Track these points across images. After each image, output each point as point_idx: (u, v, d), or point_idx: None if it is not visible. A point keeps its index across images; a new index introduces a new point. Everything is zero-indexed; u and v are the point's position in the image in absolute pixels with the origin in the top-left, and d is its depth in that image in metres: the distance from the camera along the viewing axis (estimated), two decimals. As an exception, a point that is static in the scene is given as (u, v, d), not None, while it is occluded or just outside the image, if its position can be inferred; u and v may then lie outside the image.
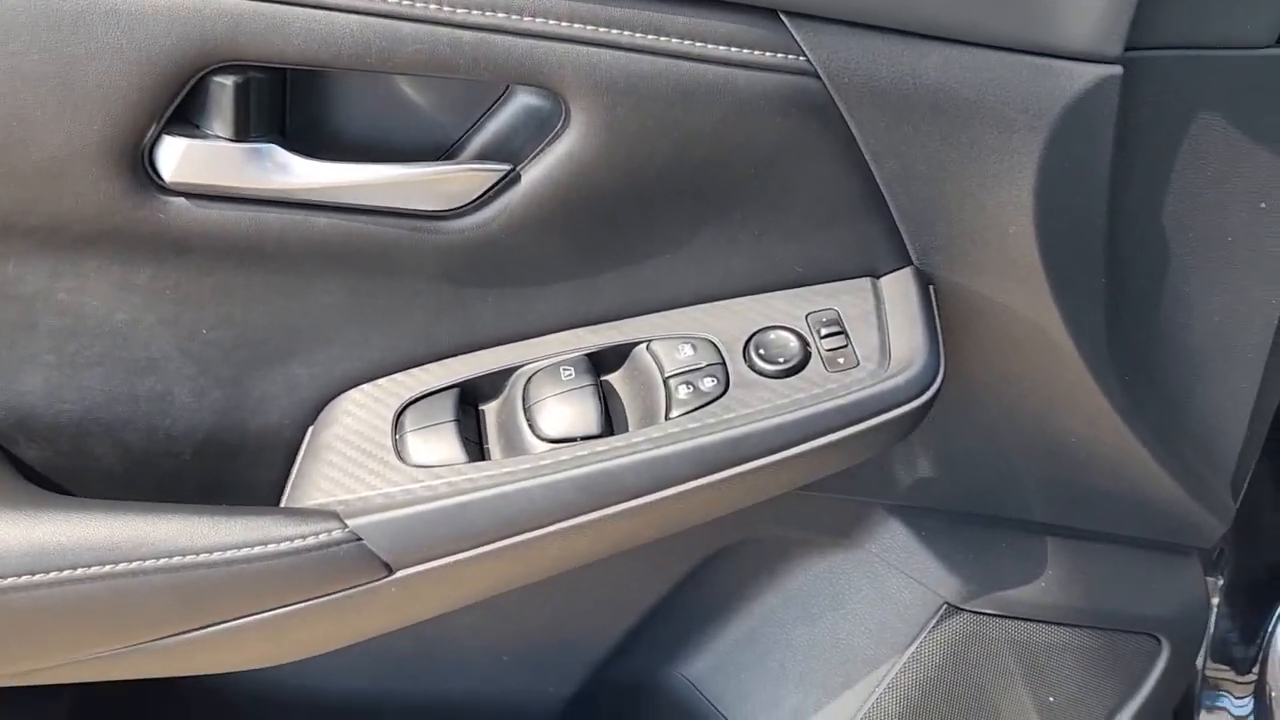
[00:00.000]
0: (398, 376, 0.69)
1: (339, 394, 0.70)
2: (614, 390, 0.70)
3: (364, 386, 0.69)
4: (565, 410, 0.66)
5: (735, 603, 0.90)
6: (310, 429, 0.70)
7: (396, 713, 0.86)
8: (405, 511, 0.62)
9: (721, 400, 0.66)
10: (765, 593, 0.89)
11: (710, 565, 0.86)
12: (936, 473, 0.81)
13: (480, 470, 0.64)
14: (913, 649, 0.84)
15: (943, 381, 0.67)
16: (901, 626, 0.84)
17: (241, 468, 0.70)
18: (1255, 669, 1.08)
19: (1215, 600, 1.12)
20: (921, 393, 0.66)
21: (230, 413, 0.69)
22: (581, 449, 0.64)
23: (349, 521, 0.62)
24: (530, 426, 0.66)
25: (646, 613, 0.87)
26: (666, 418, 0.65)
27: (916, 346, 0.67)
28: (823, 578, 0.87)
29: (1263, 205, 0.74)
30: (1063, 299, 0.70)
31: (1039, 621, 0.84)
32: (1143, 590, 0.87)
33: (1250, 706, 1.08)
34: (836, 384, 0.66)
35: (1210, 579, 1.14)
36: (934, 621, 0.83)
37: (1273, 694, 1.07)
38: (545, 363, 0.68)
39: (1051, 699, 0.87)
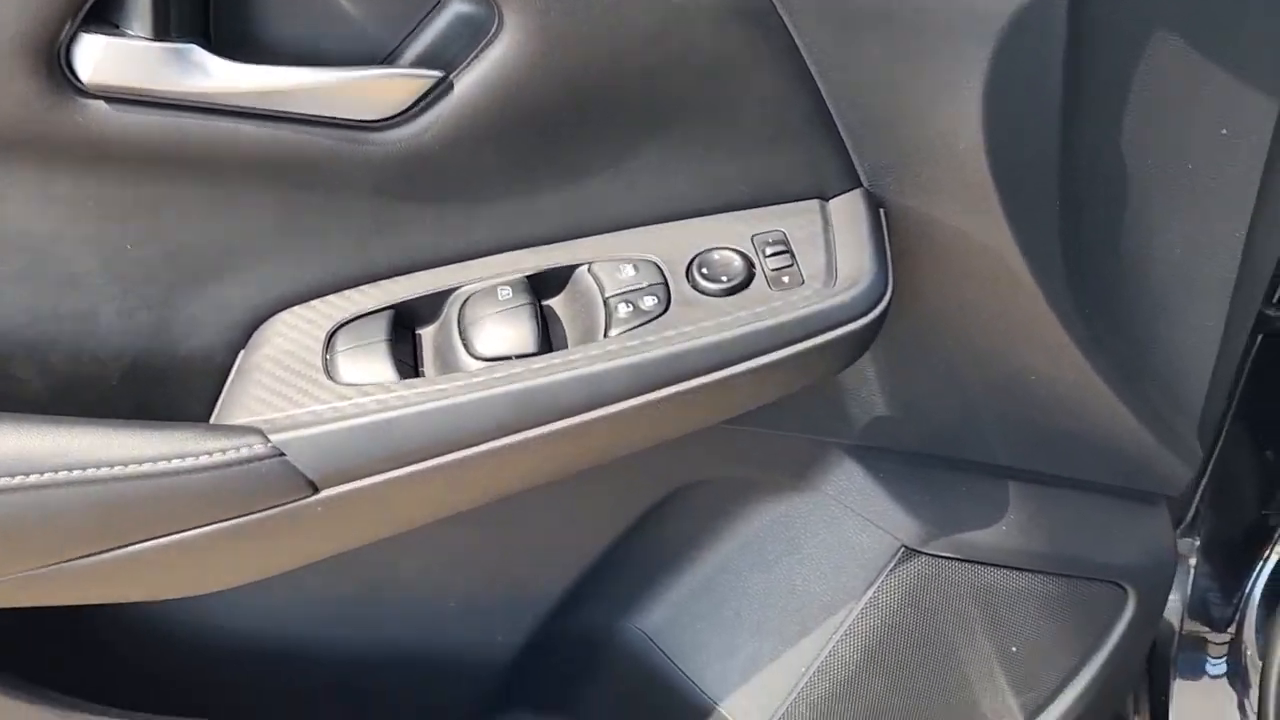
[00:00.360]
0: (331, 298, 0.68)
1: (271, 316, 0.68)
2: (555, 315, 0.68)
3: (296, 308, 0.67)
4: (501, 330, 0.64)
5: (690, 551, 0.87)
6: (241, 353, 0.68)
7: (337, 660, 0.84)
8: (331, 427, 0.60)
9: (662, 318, 0.64)
10: (720, 539, 0.87)
11: (663, 510, 0.84)
12: (894, 411, 0.79)
13: (411, 388, 0.62)
14: (870, 593, 0.82)
15: (891, 301, 0.65)
16: (858, 571, 0.82)
17: (171, 393, 0.68)
18: (1231, 628, 1.06)
19: (1193, 561, 1.10)
20: (868, 310, 0.64)
21: (159, 335, 0.67)
22: (516, 366, 0.62)
23: (273, 437, 0.60)
24: (465, 346, 0.64)
25: (598, 561, 0.85)
26: (605, 336, 0.64)
27: (864, 266, 0.65)
28: (778, 522, 0.85)
29: (1224, 131, 0.72)
30: (1017, 223, 0.68)
31: (1000, 566, 0.82)
32: (1108, 538, 0.85)
33: (1226, 666, 1.06)
34: (781, 302, 0.64)
35: (1187, 539, 1.12)
36: (891, 565, 0.81)
37: (1248, 652, 1.05)
38: (483, 284, 0.67)
39: (1014, 649, 0.85)
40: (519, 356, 0.63)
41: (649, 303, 0.64)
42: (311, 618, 0.83)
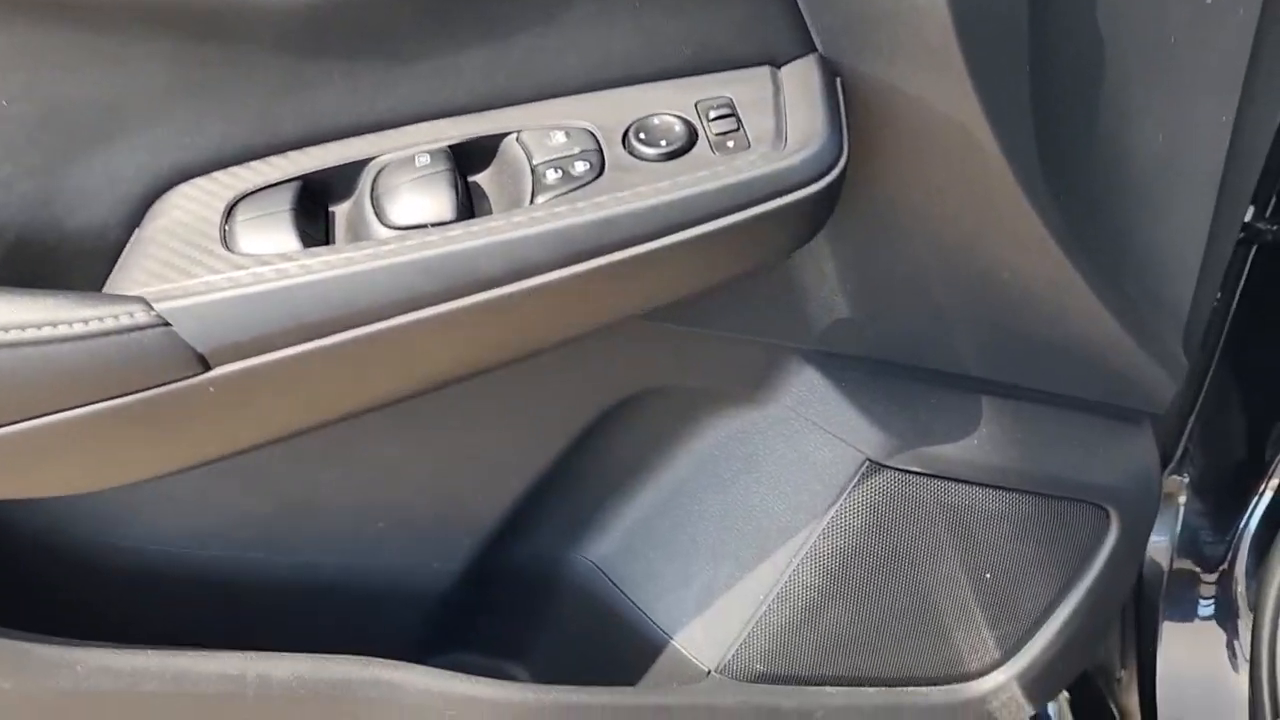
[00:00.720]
0: (235, 170, 0.61)
1: (169, 189, 0.62)
2: (481, 191, 0.62)
3: (197, 180, 0.61)
4: (417, 198, 0.58)
5: (639, 472, 0.81)
6: (136, 230, 0.62)
7: (257, 586, 0.78)
8: (225, 295, 0.54)
9: (594, 184, 0.58)
10: (672, 458, 0.81)
11: (610, 426, 0.77)
12: (855, 313, 0.73)
13: (315, 256, 0.56)
14: (833, 512, 0.76)
15: (846, 169, 0.59)
16: (820, 489, 0.76)
17: (60, 273, 0.62)
18: (1223, 567, 1.01)
19: (1182, 499, 1.04)
20: (821, 175, 0.58)
21: (44, 208, 0.61)
22: (432, 235, 0.56)
23: (157, 306, 0.54)
24: (377, 215, 0.58)
25: (540, 482, 0.79)
26: (531, 203, 0.58)
27: (816, 129, 0.59)
28: (734, 438, 0.79)
29: (1208, 0, 0.66)
30: (984, 91, 0.62)
31: (972, 483, 0.76)
32: (1089, 457, 0.79)
33: (1216, 608, 1.01)
34: (724, 166, 0.58)
35: (1176, 477, 1.07)
36: (855, 480, 0.75)
37: (1240, 592, 1.00)
38: (400, 153, 0.61)
39: (989, 575, 0.79)
40: (435, 225, 0.57)
41: (580, 168, 0.59)
42: (225, 539, 0.76)
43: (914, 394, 0.77)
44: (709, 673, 0.80)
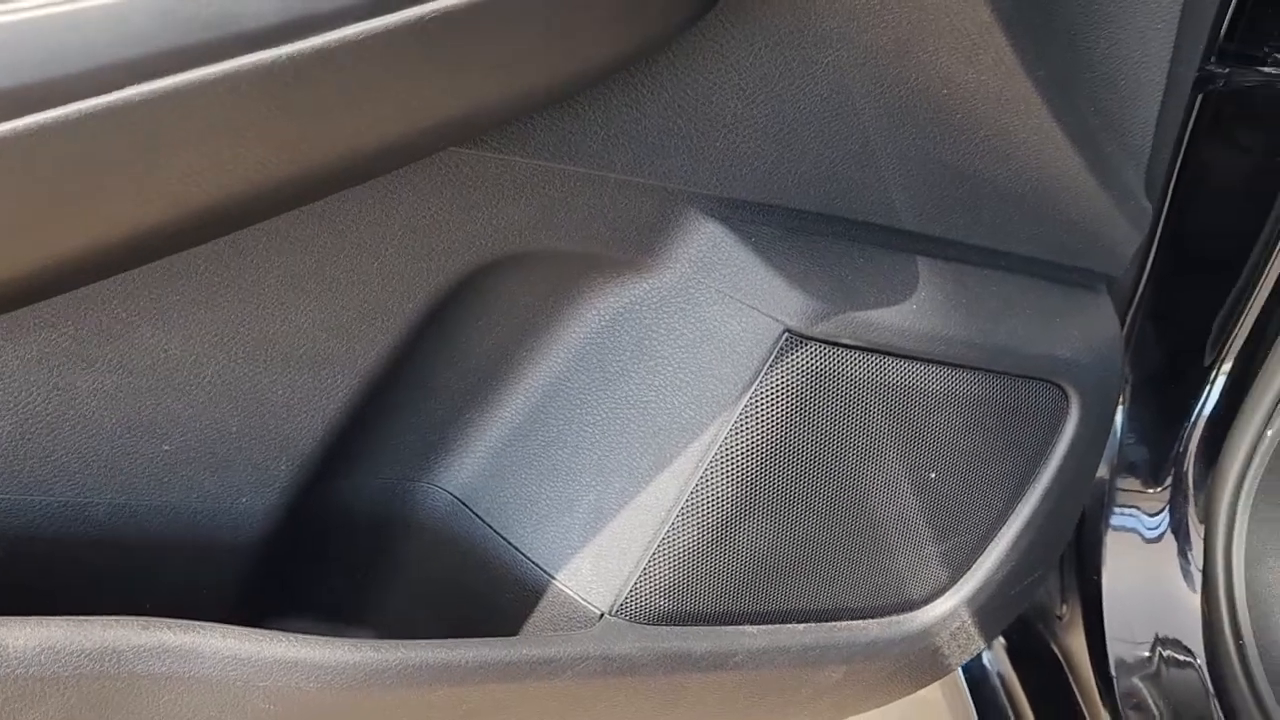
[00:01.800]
0: None
1: None
2: None
3: None
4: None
5: (503, 372, 0.65)
6: None
7: (33, 525, 0.58)
8: None
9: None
10: (544, 353, 0.64)
11: (459, 308, 0.61)
12: (767, 149, 0.59)
13: None
14: (746, 399, 0.61)
15: None
16: (729, 371, 0.61)
17: None
18: (1169, 479, 0.90)
19: (1118, 422, 0.94)
20: None
21: None
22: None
23: None
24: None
25: (373, 388, 0.61)
26: None
27: None
28: (622, 318, 0.63)
29: None
30: None
31: (910, 358, 0.62)
32: (1043, 327, 0.66)
33: (1164, 525, 0.90)
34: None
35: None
36: (773, 356, 0.60)
37: (1188, 509, 0.89)
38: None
39: (933, 475, 0.66)
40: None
41: None
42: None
43: (839, 252, 0.62)
44: (601, 615, 0.64)
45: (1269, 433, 0.85)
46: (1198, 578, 0.89)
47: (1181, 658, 0.90)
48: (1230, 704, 0.90)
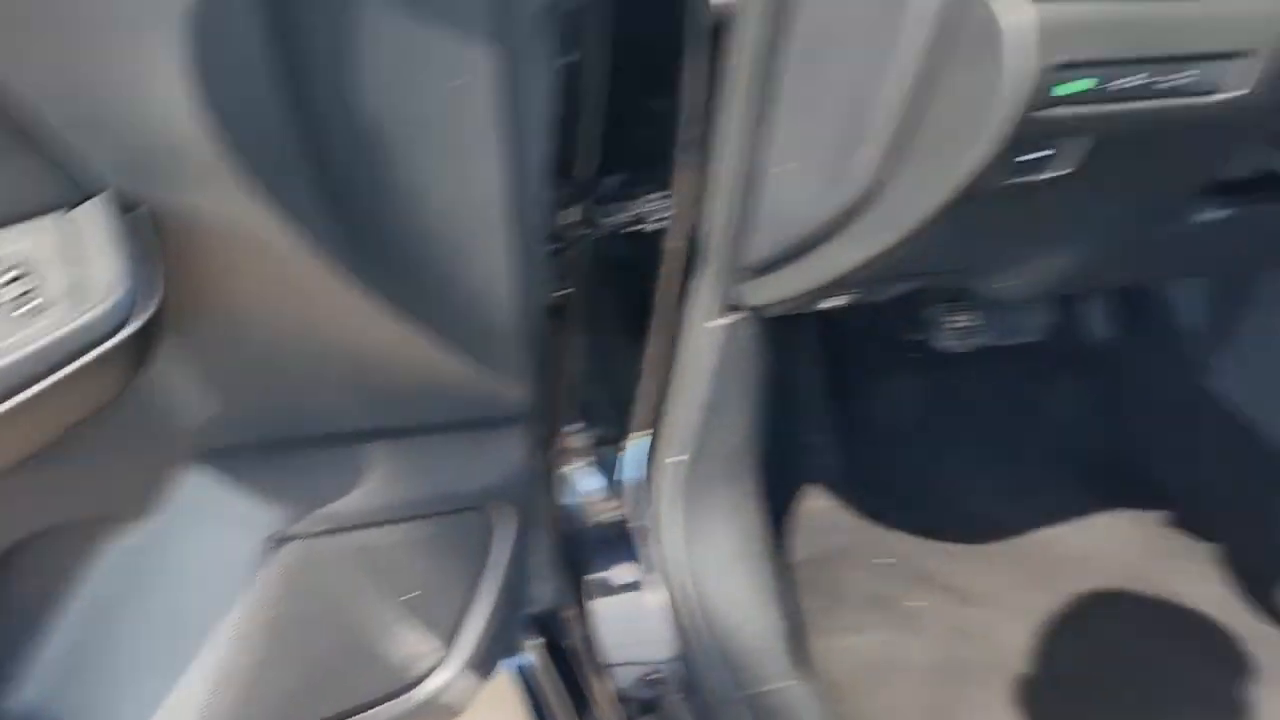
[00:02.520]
0: None
1: None
2: None
3: None
4: None
5: (50, 605, 0.79)
6: None
7: None
8: None
9: None
10: (81, 583, 0.80)
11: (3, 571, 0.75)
12: (231, 408, 0.77)
13: None
14: (250, 596, 0.80)
15: (163, 303, 0.62)
16: (228, 580, 0.80)
17: None
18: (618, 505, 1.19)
19: (580, 463, 1.22)
20: (128, 321, 0.61)
21: None
22: None
23: None
24: None
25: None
26: None
27: (117, 276, 0.61)
28: (145, 552, 0.79)
29: (456, 83, 0.76)
30: (269, 200, 0.67)
31: (373, 525, 0.85)
32: (467, 469, 0.90)
33: (624, 540, 1.19)
34: (20, 337, 0.58)
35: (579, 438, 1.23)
36: (263, 559, 0.80)
37: (637, 521, 1.19)
38: None
39: (414, 594, 0.89)
40: None
41: None
42: None
43: (308, 461, 0.82)
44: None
45: (668, 461, 1.16)
46: (654, 565, 1.20)
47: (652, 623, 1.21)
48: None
